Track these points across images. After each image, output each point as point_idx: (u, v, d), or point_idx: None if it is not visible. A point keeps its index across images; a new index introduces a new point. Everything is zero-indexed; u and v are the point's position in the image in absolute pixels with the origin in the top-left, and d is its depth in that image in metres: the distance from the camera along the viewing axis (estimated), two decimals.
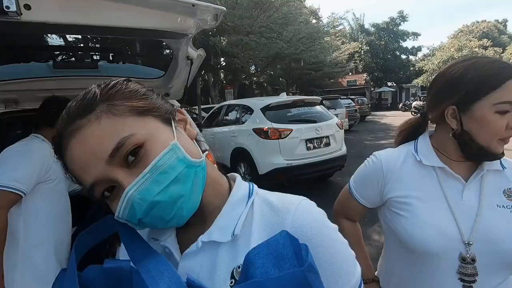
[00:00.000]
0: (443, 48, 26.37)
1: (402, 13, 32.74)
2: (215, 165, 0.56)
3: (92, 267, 0.41)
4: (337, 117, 5.84)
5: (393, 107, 30.05)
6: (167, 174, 0.41)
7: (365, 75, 31.78)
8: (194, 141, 0.51)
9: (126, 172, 0.41)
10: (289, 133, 4.65)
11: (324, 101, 5.92)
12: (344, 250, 0.47)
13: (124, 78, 0.48)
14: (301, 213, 0.46)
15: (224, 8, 1.09)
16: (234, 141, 5.43)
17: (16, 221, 1.25)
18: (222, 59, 14.30)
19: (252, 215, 0.48)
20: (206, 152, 0.50)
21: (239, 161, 5.34)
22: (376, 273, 0.99)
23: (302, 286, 0.35)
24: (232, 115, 6.18)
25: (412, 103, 23.12)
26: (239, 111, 5.86)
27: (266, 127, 4.73)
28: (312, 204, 0.49)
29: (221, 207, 0.49)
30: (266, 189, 0.54)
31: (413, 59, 35.07)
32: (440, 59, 24.32)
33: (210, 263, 0.46)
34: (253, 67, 17.90)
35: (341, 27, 23.82)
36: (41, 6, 0.83)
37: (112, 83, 0.46)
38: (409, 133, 0.90)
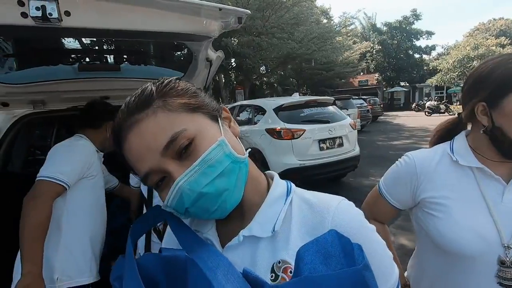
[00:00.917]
0: (459, 47, 25.72)
1: (416, 11, 32.12)
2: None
3: (148, 255, 0.44)
4: (349, 117, 5.81)
5: (406, 107, 29.52)
6: (215, 167, 0.44)
7: (377, 74, 31.34)
8: (238, 138, 0.53)
9: (177, 164, 0.44)
10: (302, 134, 4.65)
11: (336, 101, 5.89)
12: (381, 251, 0.48)
13: (175, 77, 0.51)
14: (341, 213, 0.47)
15: (249, 11, 1.11)
16: (247, 141, 5.47)
17: (61, 212, 1.33)
18: (233, 59, 14.39)
19: (291, 212, 0.50)
20: (250, 149, 0.52)
21: (252, 161, 5.37)
22: (405, 274, 0.98)
23: (359, 284, 0.36)
24: (244, 116, 6.22)
25: (425, 103, 22.67)
26: (251, 111, 5.90)
27: (279, 127, 4.75)
28: (351, 204, 0.50)
29: (260, 203, 0.51)
30: None
31: (427, 58, 34.36)
32: (455, 58, 23.73)
33: (251, 256, 0.48)
34: (263, 68, 17.92)
35: (352, 26, 23.58)
36: (80, 13, 0.88)
37: (166, 81, 0.49)
38: (445, 133, 0.88)
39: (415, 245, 0.96)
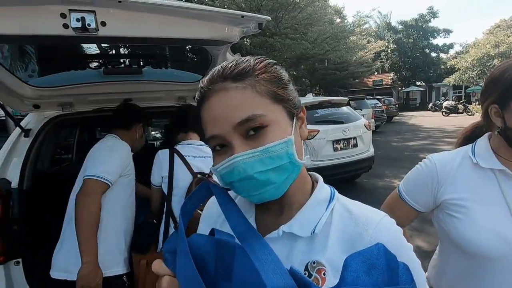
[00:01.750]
0: (478, 45, 24.86)
1: (432, 9, 31.31)
2: None
3: (198, 235, 0.46)
4: (363, 117, 5.76)
5: (422, 107, 28.81)
6: (273, 160, 0.46)
7: (392, 74, 30.74)
8: (303, 141, 0.55)
9: (242, 141, 0.47)
10: (316, 134, 4.66)
11: (349, 102, 5.85)
12: (417, 269, 0.49)
13: (274, 61, 0.53)
14: (382, 229, 0.48)
15: (269, 18, 1.16)
16: None
17: (102, 208, 1.42)
18: None
19: (332, 218, 0.51)
20: (308, 156, 0.55)
21: None
22: (426, 274, 0.99)
23: None
24: None
25: (443, 103, 22.07)
26: None
27: None
28: (392, 222, 0.51)
29: (301, 202, 0.53)
30: None
31: (444, 57, 33.40)
32: (474, 57, 22.97)
33: (287, 252, 0.50)
34: None
35: (366, 25, 23.18)
36: (114, 23, 0.96)
37: (265, 62, 0.51)
38: (471, 136, 0.89)
39: (437, 247, 0.97)
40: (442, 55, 33.53)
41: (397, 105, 19.82)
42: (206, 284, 0.40)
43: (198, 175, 1.56)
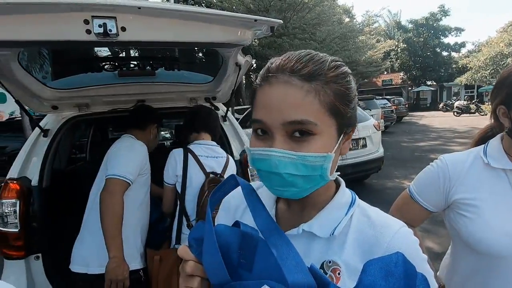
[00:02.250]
0: (491, 43, 24.29)
1: (443, 7, 30.75)
2: None
3: (224, 226, 0.48)
4: (372, 118, 5.73)
5: (433, 107, 28.36)
6: (306, 168, 0.47)
7: (401, 73, 30.35)
8: (340, 156, 0.55)
9: (285, 139, 0.47)
10: None
11: (358, 102, 5.82)
12: (432, 282, 0.49)
13: (349, 72, 0.51)
14: (399, 238, 0.49)
15: (281, 21, 1.19)
16: None
17: None
18: (254, 61, 14.49)
19: (350, 223, 0.53)
20: (338, 173, 0.55)
21: None
22: (438, 273, 1.00)
23: None
24: None
25: (454, 103, 21.68)
26: None
27: None
28: (410, 232, 0.51)
29: (322, 205, 0.55)
30: None
31: (456, 56, 32.75)
32: (487, 55, 22.43)
33: (305, 249, 0.52)
34: None
35: (376, 25, 22.97)
36: (133, 28, 1.00)
37: (338, 71, 0.49)
38: (484, 137, 0.90)
39: (449, 246, 0.98)
40: (453, 54, 32.90)
41: (407, 105, 19.57)
42: (228, 271, 0.42)
43: (211, 175, 1.60)
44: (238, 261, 0.46)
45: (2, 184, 1.67)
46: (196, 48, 2.11)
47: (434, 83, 31.13)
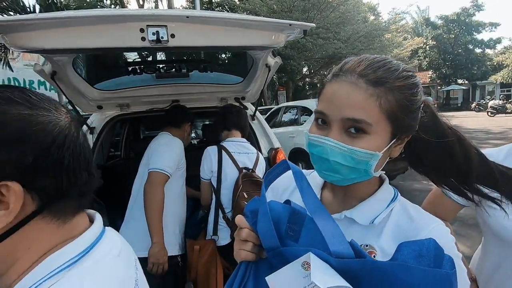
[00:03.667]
0: None
1: (477, 1, 29.14)
2: None
3: (276, 202, 0.56)
4: None
5: (465, 107, 26.91)
6: (352, 161, 0.52)
7: (430, 72, 29.09)
8: (388, 159, 0.59)
9: (340, 132, 0.52)
10: None
11: None
12: (464, 278, 0.52)
13: (418, 83, 0.54)
14: (435, 234, 0.51)
15: (314, 25, 1.26)
16: (292, 141, 5.58)
17: None
18: None
19: (390, 216, 0.57)
20: (384, 172, 0.60)
21: (298, 161, 5.47)
22: (469, 265, 1.02)
23: (446, 285, 0.42)
24: (290, 116, 6.33)
25: (488, 102, 20.48)
26: (297, 112, 5.99)
27: None
28: (448, 230, 0.55)
29: (365, 197, 0.59)
30: None
31: (491, 52, 30.87)
32: None
33: (344, 233, 0.56)
34: (305, 68, 17.76)
35: (403, 22, 22.23)
36: (182, 35, 1.12)
37: (406, 82, 0.53)
38: None
39: (481, 241, 1.00)
40: (488, 50, 30.99)
41: (436, 105, 18.62)
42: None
43: (244, 170, 1.70)
44: (286, 233, 0.53)
45: None
46: (228, 52, 2.22)
47: (466, 82, 29.52)
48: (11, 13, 5.34)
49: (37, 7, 5.56)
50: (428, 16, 31.87)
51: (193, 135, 6.06)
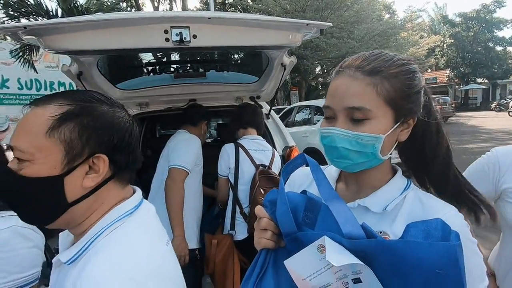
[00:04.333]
0: None
1: None
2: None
3: (293, 193, 0.60)
4: None
5: (484, 106, 25.99)
6: (358, 145, 0.57)
7: (448, 71, 28.27)
8: (397, 142, 0.62)
9: (345, 120, 0.57)
10: None
11: None
12: (479, 262, 0.55)
13: (414, 70, 0.59)
14: (448, 218, 0.52)
15: (331, 24, 1.28)
16: (305, 141, 5.59)
17: None
18: None
19: (403, 203, 0.60)
20: (391, 155, 0.62)
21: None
22: (488, 260, 1.03)
23: (451, 257, 0.43)
24: (303, 116, 6.34)
25: (509, 102, 19.72)
26: (310, 112, 5.99)
27: None
28: (461, 216, 0.57)
29: (378, 186, 0.62)
30: None
31: None
32: None
33: (359, 220, 0.60)
34: (318, 68, 17.62)
35: (419, 20, 21.72)
36: (203, 35, 1.17)
37: (400, 69, 0.57)
38: None
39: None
40: (509, 48, 29.88)
41: (453, 105, 18.23)
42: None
43: (260, 167, 1.74)
44: (303, 220, 0.57)
45: None
46: (245, 51, 2.26)
47: (486, 81, 28.53)
48: (36, 17, 5.58)
49: (59, 11, 5.78)
50: (445, 14, 30.99)
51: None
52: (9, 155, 0.67)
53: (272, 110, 2.56)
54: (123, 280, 0.51)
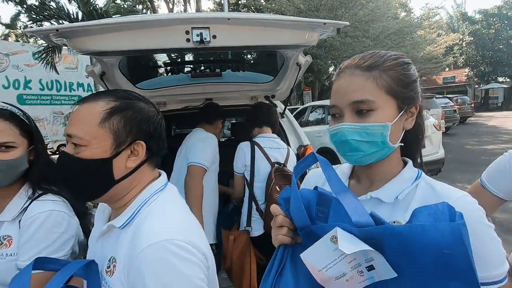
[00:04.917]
0: None
1: None
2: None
3: (306, 189, 0.63)
4: (432, 117, 5.38)
5: (506, 106, 25.01)
6: (367, 135, 0.60)
7: (467, 70, 27.35)
8: (404, 131, 0.64)
9: (352, 115, 0.61)
10: None
11: None
12: (497, 247, 0.55)
13: (406, 61, 0.64)
14: (461, 204, 0.53)
15: (347, 23, 1.29)
16: (319, 141, 5.55)
17: None
18: None
19: (415, 192, 0.61)
20: (401, 144, 0.65)
21: None
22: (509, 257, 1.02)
23: (456, 236, 0.44)
24: (316, 116, 6.31)
25: None
26: (324, 111, 5.96)
27: None
28: (474, 201, 0.57)
29: (389, 178, 0.64)
30: None
31: None
32: None
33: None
34: (332, 68, 17.45)
35: (437, 17, 21.13)
36: (222, 36, 1.20)
37: (395, 62, 0.62)
38: None
39: None
40: None
41: (473, 105, 17.61)
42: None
43: (276, 164, 1.76)
44: (317, 214, 0.60)
45: None
46: (260, 51, 2.29)
47: (508, 80, 27.46)
48: (57, 20, 5.81)
49: (80, 14, 6.00)
50: (465, 11, 30.02)
51: None
52: None
53: (286, 109, 2.57)
54: (174, 229, 0.63)
